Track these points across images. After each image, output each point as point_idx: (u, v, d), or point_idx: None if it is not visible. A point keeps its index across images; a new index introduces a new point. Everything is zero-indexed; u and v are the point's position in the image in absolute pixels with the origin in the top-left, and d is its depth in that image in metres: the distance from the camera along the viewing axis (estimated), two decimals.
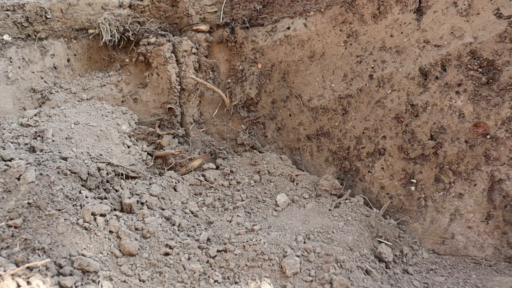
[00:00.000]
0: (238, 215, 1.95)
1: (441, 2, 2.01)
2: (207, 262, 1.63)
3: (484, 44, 1.90)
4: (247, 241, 1.71)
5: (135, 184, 2.00)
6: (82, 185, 1.80)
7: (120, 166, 2.00)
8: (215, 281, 1.54)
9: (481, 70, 1.91)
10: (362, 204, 2.02)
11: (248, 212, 2.00)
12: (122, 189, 1.93)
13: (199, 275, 1.56)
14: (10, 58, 2.35)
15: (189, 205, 1.99)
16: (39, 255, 1.41)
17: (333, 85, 2.29)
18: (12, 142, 1.90)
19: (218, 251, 1.67)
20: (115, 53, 2.59)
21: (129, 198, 1.85)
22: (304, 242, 1.74)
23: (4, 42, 2.34)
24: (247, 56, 2.47)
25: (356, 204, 2.00)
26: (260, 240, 1.71)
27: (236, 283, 1.53)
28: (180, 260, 1.61)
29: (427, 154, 2.02)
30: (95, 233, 1.61)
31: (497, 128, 1.87)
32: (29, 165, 1.69)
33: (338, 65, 2.28)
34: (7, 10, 2.36)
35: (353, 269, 1.61)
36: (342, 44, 2.27)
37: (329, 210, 1.97)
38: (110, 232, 1.65)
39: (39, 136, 1.98)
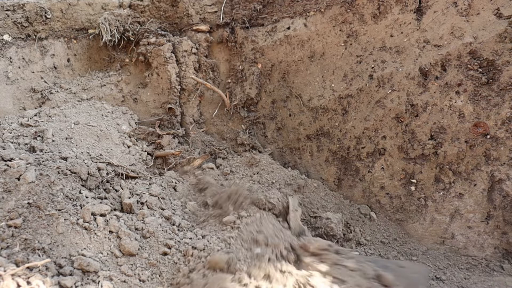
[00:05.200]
0: None
1: (441, 2, 2.01)
2: None
3: (484, 44, 1.89)
4: None
5: (135, 184, 2.00)
6: (82, 185, 1.80)
7: (120, 166, 2.00)
8: None
9: (481, 70, 1.91)
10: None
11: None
12: (122, 189, 1.93)
13: None
14: (10, 58, 2.35)
15: (189, 205, 1.99)
16: (39, 255, 1.41)
17: (333, 85, 2.29)
18: (12, 142, 1.89)
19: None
20: (115, 53, 2.59)
21: (129, 198, 1.85)
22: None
23: (4, 42, 2.34)
24: (247, 56, 2.47)
25: None
26: None
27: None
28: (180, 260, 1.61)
29: (427, 154, 2.02)
30: (95, 233, 1.61)
31: (497, 128, 1.87)
32: (29, 165, 1.69)
33: (338, 65, 2.28)
34: (7, 10, 2.36)
35: None
36: (342, 44, 2.27)
37: None
38: (110, 232, 1.65)
39: (39, 136, 1.98)
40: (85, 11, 2.54)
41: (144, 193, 1.91)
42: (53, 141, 1.96)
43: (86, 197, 1.73)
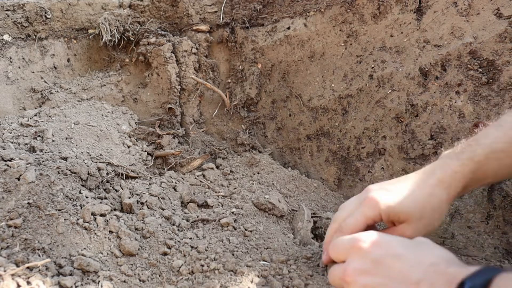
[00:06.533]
0: None
1: (441, 2, 2.01)
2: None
3: (484, 44, 1.89)
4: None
5: (135, 184, 2.00)
6: (82, 185, 1.80)
7: (120, 166, 2.00)
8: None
9: (481, 70, 1.91)
10: None
11: None
12: (122, 189, 1.93)
13: None
14: (10, 58, 2.35)
15: (189, 205, 1.99)
16: (39, 255, 1.41)
17: (333, 85, 2.29)
18: (12, 142, 1.89)
19: None
20: (115, 53, 2.59)
21: (129, 198, 1.85)
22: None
23: (4, 42, 2.34)
24: (247, 56, 2.47)
25: None
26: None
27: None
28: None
29: (427, 154, 2.02)
30: (95, 233, 1.61)
31: None
32: (29, 165, 1.68)
33: (338, 65, 2.28)
34: (7, 10, 2.36)
35: None
36: (342, 44, 2.27)
37: None
38: (110, 232, 1.65)
39: (39, 136, 1.98)
40: (85, 11, 2.54)
41: (144, 193, 1.91)
42: (53, 141, 1.96)
43: (86, 197, 1.73)
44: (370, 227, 1.22)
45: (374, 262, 0.84)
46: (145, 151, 2.25)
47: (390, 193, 1.14)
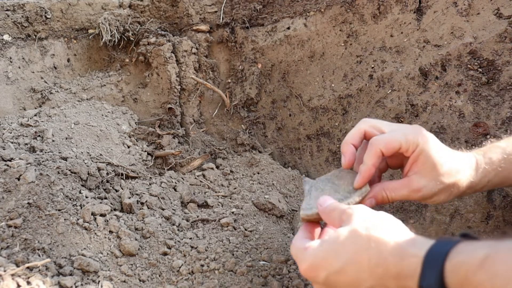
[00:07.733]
0: None
1: (441, 2, 2.01)
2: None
3: (484, 44, 1.89)
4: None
5: (135, 184, 2.00)
6: (82, 185, 1.80)
7: (120, 166, 2.00)
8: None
9: (481, 70, 1.91)
10: None
11: None
12: (122, 189, 1.93)
13: None
14: (10, 58, 2.35)
15: (189, 205, 1.99)
16: (39, 255, 1.41)
17: (333, 85, 2.29)
18: (12, 142, 1.90)
19: None
20: (115, 53, 2.59)
21: (129, 198, 1.85)
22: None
23: (4, 42, 2.35)
24: (247, 56, 2.47)
25: None
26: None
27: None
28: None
29: None
30: (95, 233, 1.61)
31: (497, 128, 1.87)
32: (29, 165, 1.69)
33: (338, 65, 2.28)
34: (7, 10, 2.36)
35: None
36: (342, 44, 2.27)
37: None
38: (110, 232, 1.65)
39: (39, 136, 1.98)
40: (85, 11, 2.54)
41: (144, 193, 1.91)
42: (53, 141, 1.96)
43: (86, 197, 1.73)
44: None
45: (326, 284, 0.84)
46: (145, 151, 2.26)
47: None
